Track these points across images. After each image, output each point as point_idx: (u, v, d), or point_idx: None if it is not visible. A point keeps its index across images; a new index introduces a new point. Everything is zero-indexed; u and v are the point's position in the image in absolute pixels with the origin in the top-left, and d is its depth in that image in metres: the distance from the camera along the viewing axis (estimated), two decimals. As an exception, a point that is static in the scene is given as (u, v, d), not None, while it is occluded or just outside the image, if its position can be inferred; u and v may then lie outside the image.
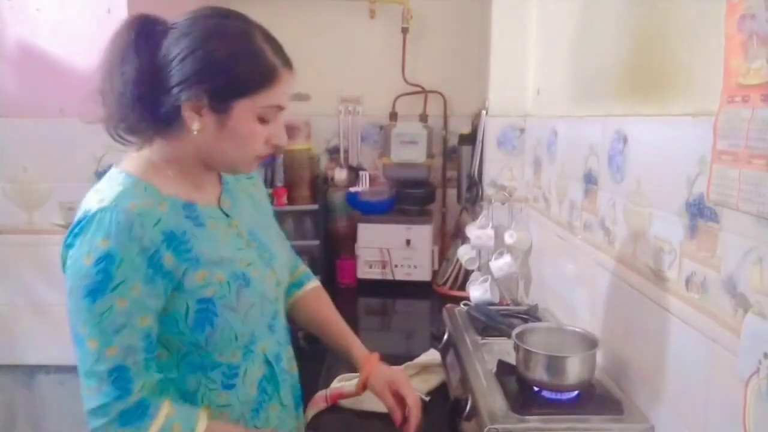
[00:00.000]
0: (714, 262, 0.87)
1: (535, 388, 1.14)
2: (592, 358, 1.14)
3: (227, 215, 1.01)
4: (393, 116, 2.45)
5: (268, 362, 1.03)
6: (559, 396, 1.13)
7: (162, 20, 0.92)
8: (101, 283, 0.83)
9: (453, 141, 2.43)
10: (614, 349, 1.24)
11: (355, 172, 2.49)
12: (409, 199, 2.37)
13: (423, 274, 2.26)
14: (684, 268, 0.96)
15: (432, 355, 1.56)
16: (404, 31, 2.40)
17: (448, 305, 1.71)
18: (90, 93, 0.92)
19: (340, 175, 2.47)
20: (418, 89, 2.46)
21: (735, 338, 0.80)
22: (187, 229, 0.91)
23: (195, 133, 0.89)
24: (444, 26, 2.49)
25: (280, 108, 0.93)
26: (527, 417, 1.07)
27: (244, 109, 0.89)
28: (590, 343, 1.17)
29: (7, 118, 1.70)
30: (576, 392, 1.13)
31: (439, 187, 2.50)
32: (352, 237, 2.32)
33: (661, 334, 1.04)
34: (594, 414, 1.08)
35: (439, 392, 1.40)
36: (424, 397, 1.36)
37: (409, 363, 1.51)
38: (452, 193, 2.46)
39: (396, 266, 2.26)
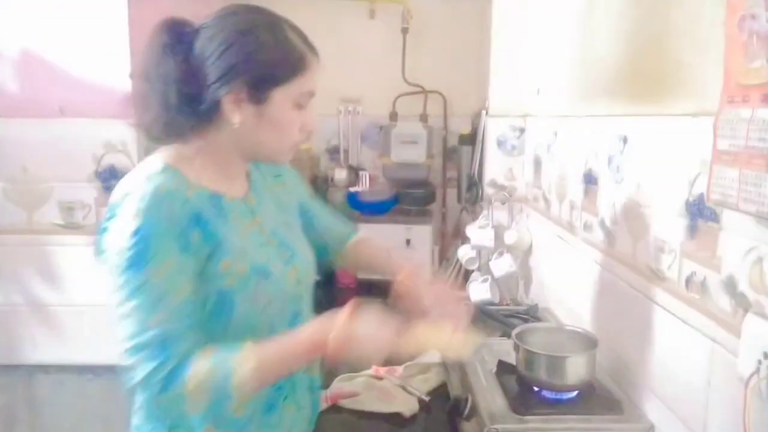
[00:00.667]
0: (714, 262, 0.87)
1: (535, 388, 1.14)
2: (592, 358, 1.14)
3: (252, 211, 1.02)
4: (393, 116, 2.45)
5: None
6: (559, 396, 1.13)
7: (190, 21, 0.96)
8: (138, 256, 0.85)
9: (453, 141, 2.43)
10: (614, 349, 1.24)
11: (355, 172, 2.48)
12: (409, 199, 2.36)
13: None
14: (684, 268, 0.96)
15: (432, 355, 1.56)
16: (404, 31, 2.40)
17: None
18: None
19: (340, 175, 2.47)
20: (418, 89, 2.46)
21: (735, 338, 0.80)
22: (212, 216, 0.93)
23: (236, 125, 0.93)
24: (444, 26, 2.49)
25: (312, 94, 0.98)
26: (527, 417, 1.07)
27: (281, 97, 0.93)
28: (590, 343, 1.17)
29: (7, 118, 1.70)
30: (576, 392, 1.13)
31: (439, 187, 2.50)
32: (352, 237, 2.32)
33: (661, 334, 1.04)
34: (594, 414, 1.08)
35: (439, 392, 1.40)
36: (424, 397, 1.36)
37: (409, 363, 1.51)
38: (452, 193, 2.46)
39: (396, 266, 2.25)
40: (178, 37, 0.93)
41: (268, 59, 0.92)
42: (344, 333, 0.89)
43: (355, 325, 0.90)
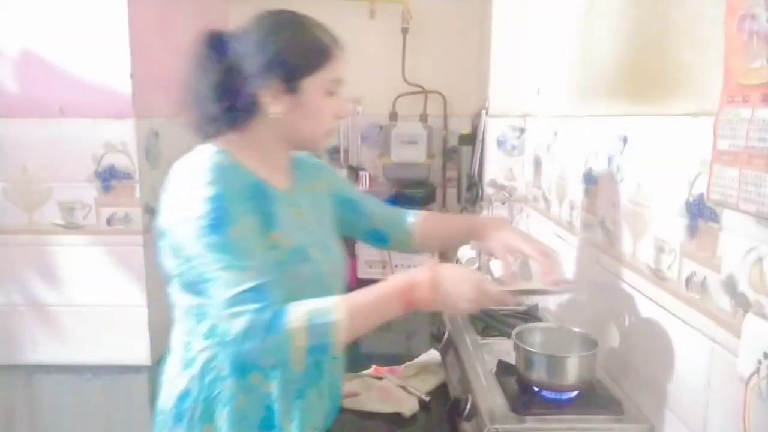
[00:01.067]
0: (714, 262, 0.87)
1: (535, 388, 1.14)
2: (592, 358, 1.14)
3: (294, 203, 1.10)
4: (393, 116, 2.45)
5: None
6: (559, 396, 1.13)
7: (226, 31, 1.07)
8: (220, 219, 0.92)
9: (453, 141, 2.43)
10: (614, 349, 1.24)
11: (355, 172, 2.48)
12: (409, 199, 2.36)
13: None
14: (684, 268, 0.96)
15: (432, 355, 1.57)
16: (404, 31, 2.40)
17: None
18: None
19: (340, 175, 2.47)
20: (418, 89, 2.46)
21: (735, 338, 0.80)
22: (263, 196, 1.02)
23: (274, 115, 1.03)
24: (444, 26, 2.49)
25: (340, 81, 1.08)
26: (527, 417, 1.07)
27: (312, 86, 1.04)
28: (590, 343, 1.17)
29: (7, 118, 1.70)
30: (576, 392, 1.13)
31: (439, 187, 2.50)
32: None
33: (661, 334, 1.04)
34: (594, 414, 1.08)
35: (439, 392, 1.40)
36: (424, 397, 1.36)
37: (409, 363, 1.51)
38: (452, 193, 2.46)
39: (396, 266, 2.25)
40: (216, 45, 1.04)
41: (296, 52, 1.03)
42: (433, 276, 0.97)
43: (441, 269, 0.99)
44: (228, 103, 1.02)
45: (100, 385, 1.81)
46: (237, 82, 1.02)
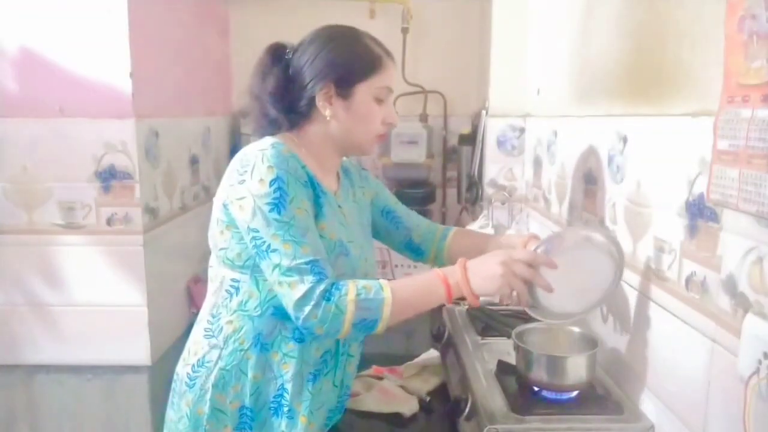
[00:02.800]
0: (714, 262, 0.87)
1: (535, 388, 1.14)
2: (592, 358, 1.14)
3: (339, 205, 1.17)
4: (393, 116, 2.44)
5: (336, 339, 1.12)
6: (559, 396, 1.13)
7: (289, 44, 1.15)
8: (281, 198, 1.01)
9: (453, 141, 2.43)
10: (614, 349, 1.24)
11: (355, 172, 2.48)
12: (409, 199, 2.36)
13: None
14: (684, 268, 0.96)
15: (432, 355, 1.56)
16: (404, 31, 2.40)
17: (448, 305, 1.71)
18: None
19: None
20: (418, 89, 2.46)
21: (735, 338, 0.80)
22: (315, 188, 1.08)
23: (328, 118, 1.11)
24: (444, 26, 2.49)
25: (390, 90, 1.15)
26: (527, 417, 1.07)
27: (363, 92, 1.11)
28: (590, 343, 1.17)
29: (7, 118, 1.70)
30: (576, 392, 1.13)
31: (439, 187, 2.50)
32: (352, 237, 2.32)
33: (662, 334, 1.04)
34: (594, 414, 1.08)
35: (439, 392, 1.40)
36: (424, 397, 1.36)
37: (409, 363, 1.51)
38: (452, 193, 2.46)
39: (396, 266, 2.25)
40: (279, 55, 1.13)
41: (349, 60, 1.11)
42: (462, 262, 1.07)
43: (469, 259, 1.08)
44: (287, 106, 1.11)
45: (100, 385, 1.81)
46: (296, 88, 1.11)
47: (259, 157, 1.03)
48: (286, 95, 1.11)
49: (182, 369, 1.12)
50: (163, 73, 1.90)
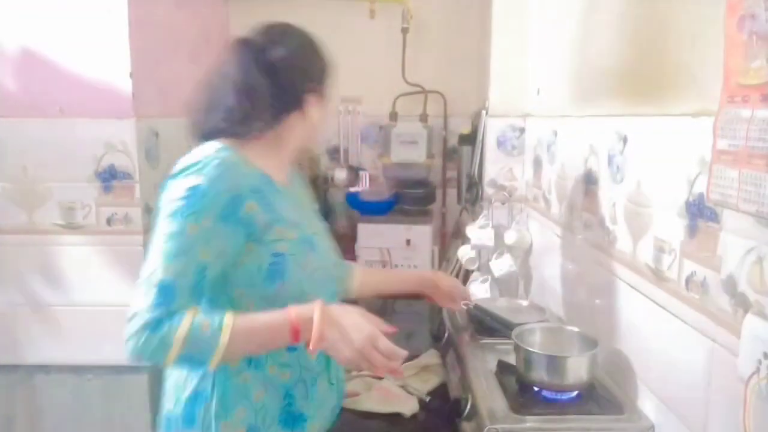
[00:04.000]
0: (714, 262, 0.87)
1: (535, 388, 1.14)
2: (592, 358, 1.14)
3: (295, 197, 1.16)
4: (393, 116, 2.44)
5: None
6: (559, 396, 1.13)
7: (257, 38, 1.10)
8: (182, 208, 0.96)
9: (453, 141, 2.43)
10: (614, 349, 1.24)
11: (355, 172, 2.48)
12: (409, 199, 2.37)
13: (423, 274, 2.26)
14: (684, 268, 0.96)
15: (432, 355, 1.57)
16: (404, 31, 2.40)
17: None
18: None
19: (340, 175, 2.47)
20: (418, 89, 2.46)
21: (735, 338, 0.80)
22: (267, 191, 1.06)
23: (315, 119, 1.12)
24: (444, 26, 2.49)
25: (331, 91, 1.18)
26: (527, 417, 1.07)
27: (320, 96, 1.14)
28: (590, 343, 1.17)
29: (7, 118, 1.70)
30: (576, 392, 1.13)
31: (439, 187, 2.50)
32: (352, 237, 2.32)
33: (662, 334, 1.04)
34: (594, 414, 1.08)
35: (439, 392, 1.40)
36: (424, 397, 1.36)
37: (409, 363, 1.51)
38: (452, 193, 2.46)
39: (396, 266, 2.26)
40: (251, 51, 1.07)
41: (323, 65, 1.14)
42: (324, 312, 0.96)
43: (335, 309, 0.99)
44: (263, 105, 1.07)
45: (100, 385, 1.81)
46: (274, 87, 1.07)
47: (195, 165, 0.99)
48: (262, 94, 1.06)
49: (175, 408, 1.05)
50: (163, 73, 1.90)
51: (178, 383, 1.06)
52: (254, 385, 1.04)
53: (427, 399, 1.36)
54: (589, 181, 1.40)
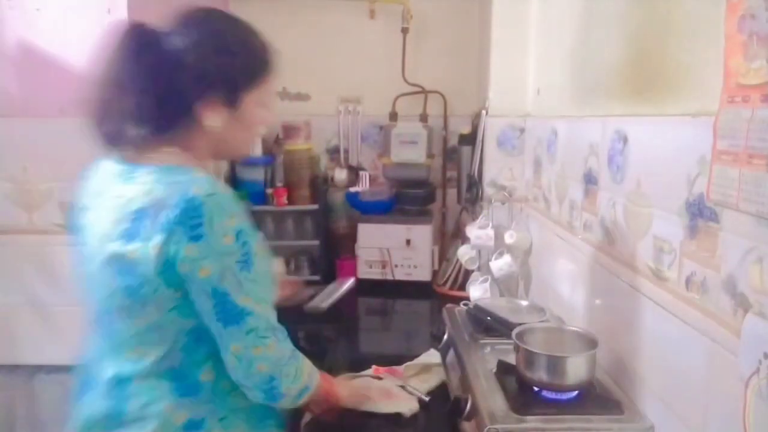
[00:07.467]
0: (714, 262, 0.87)
1: (535, 388, 1.14)
2: (592, 358, 1.14)
3: None
4: (393, 116, 2.44)
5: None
6: (559, 396, 1.13)
7: (156, 26, 0.99)
8: (248, 255, 0.93)
9: (453, 141, 2.43)
10: (614, 349, 1.24)
11: (355, 172, 2.48)
12: (409, 199, 2.36)
13: (423, 274, 2.26)
14: (684, 268, 0.96)
15: (432, 355, 1.56)
16: (404, 31, 2.40)
17: (448, 305, 1.71)
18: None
19: (340, 175, 2.47)
20: (418, 89, 2.46)
21: (735, 338, 0.80)
22: None
23: (215, 128, 0.99)
24: (444, 26, 2.49)
25: (275, 92, 1.02)
26: (527, 417, 1.07)
27: (250, 100, 1.02)
28: (590, 343, 1.17)
29: (7, 118, 1.70)
30: (576, 392, 1.13)
31: (439, 187, 2.50)
32: (352, 237, 2.32)
33: (662, 334, 1.04)
34: (594, 414, 1.08)
35: (439, 392, 1.40)
36: (423, 397, 1.36)
37: (409, 363, 1.51)
38: (452, 193, 2.46)
39: (396, 266, 2.26)
40: (146, 42, 0.96)
41: (239, 67, 0.99)
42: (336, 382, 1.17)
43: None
44: (157, 112, 0.95)
45: (100, 385, 1.81)
46: (168, 90, 0.95)
47: (208, 206, 0.90)
48: (154, 96, 0.94)
49: None
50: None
51: (168, 411, 0.98)
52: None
53: (427, 399, 1.36)
54: (589, 181, 1.40)
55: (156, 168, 0.96)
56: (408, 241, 2.24)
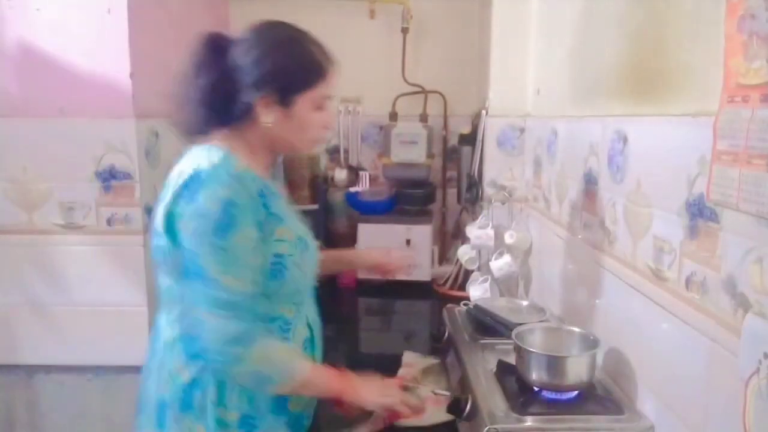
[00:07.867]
0: (714, 262, 0.87)
1: (535, 388, 1.14)
2: (592, 358, 1.14)
3: (282, 197, 1.18)
4: (393, 116, 2.45)
5: (309, 326, 1.18)
6: (559, 396, 1.13)
7: (227, 35, 1.12)
8: (227, 224, 1.00)
9: (453, 141, 2.43)
10: (614, 349, 1.24)
11: (355, 172, 2.48)
12: (409, 199, 2.36)
13: (423, 274, 2.26)
14: (684, 268, 0.96)
15: (432, 355, 1.56)
16: (404, 31, 2.40)
17: (448, 305, 1.71)
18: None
19: (340, 175, 2.47)
20: (418, 89, 2.46)
21: (735, 338, 0.80)
22: (267, 193, 1.09)
23: (267, 125, 1.09)
24: (444, 26, 2.49)
25: (330, 97, 1.15)
26: (527, 417, 1.07)
27: (303, 101, 1.10)
28: (590, 343, 1.18)
29: (7, 118, 1.70)
30: (576, 392, 1.13)
31: (439, 187, 2.50)
32: (352, 237, 2.32)
33: (662, 334, 1.04)
34: (594, 414, 1.08)
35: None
36: (443, 393, 1.31)
37: (409, 365, 1.51)
38: (452, 193, 2.46)
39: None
40: (219, 47, 1.09)
41: (293, 69, 1.10)
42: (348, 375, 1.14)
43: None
44: (222, 107, 1.08)
45: (100, 385, 1.81)
46: (233, 88, 1.07)
47: (207, 176, 1.01)
48: (222, 95, 1.08)
49: (172, 393, 1.08)
50: (163, 73, 1.90)
51: (176, 370, 1.08)
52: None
53: (448, 395, 1.31)
54: (589, 181, 1.40)
55: (199, 147, 1.10)
56: (408, 241, 2.24)
